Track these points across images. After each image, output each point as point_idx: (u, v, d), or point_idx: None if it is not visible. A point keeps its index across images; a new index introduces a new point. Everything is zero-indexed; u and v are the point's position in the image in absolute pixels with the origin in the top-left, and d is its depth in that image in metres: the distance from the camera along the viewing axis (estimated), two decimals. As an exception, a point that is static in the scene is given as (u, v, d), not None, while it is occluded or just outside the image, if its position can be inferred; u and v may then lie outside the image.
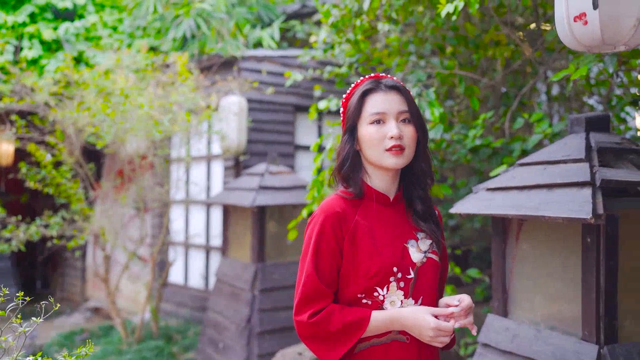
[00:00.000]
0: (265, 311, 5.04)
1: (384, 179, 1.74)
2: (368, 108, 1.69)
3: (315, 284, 1.64)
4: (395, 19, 4.21)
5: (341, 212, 1.67)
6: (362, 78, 1.78)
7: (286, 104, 6.49)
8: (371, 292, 1.64)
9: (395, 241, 1.69)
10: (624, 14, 1.53)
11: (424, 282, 1.69)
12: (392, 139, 1.65)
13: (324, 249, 1.65)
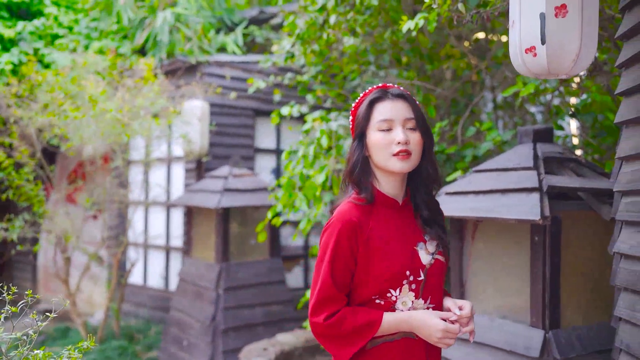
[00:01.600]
0: (229, 309, 5.22)
1: (392, 184, 1.81)
2: (376, 115, 1.76)
3: (330, 289, 1.72)
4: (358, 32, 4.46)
5: (356, 221, 1.73)
6: (370, 88, 1.85)
7: (247, 108, 6.67)
8: (384, 293, 1.72)
9: (406, 245, 1.77)
10: (566, 50, 1.83)
11: (433, 283, 1.78)
12: (398, 144, 1.72)
13: (339, 257, 1.72)
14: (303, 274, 7.02)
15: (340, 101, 5.58)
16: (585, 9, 1.81)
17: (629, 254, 2.04)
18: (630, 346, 2.02)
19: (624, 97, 2.15)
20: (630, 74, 2.09)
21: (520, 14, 1.88)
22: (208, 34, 6.81)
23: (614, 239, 2.20)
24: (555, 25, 1.80)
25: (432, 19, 3.28)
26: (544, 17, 1.81)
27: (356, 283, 1.75)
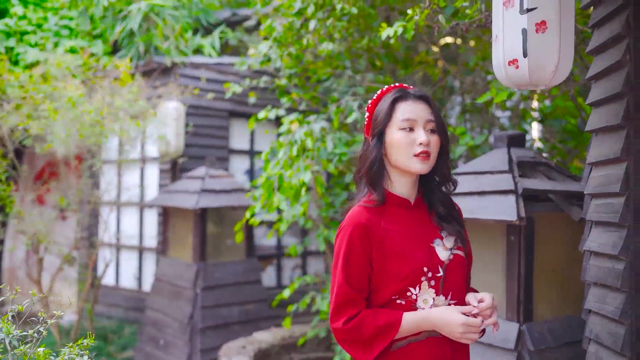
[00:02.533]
0: (207, 308, 5.29)
1: (406, 184, 1.82)
2: (398, 114, 1.75)
3: (346, 292, 1.71)
4: (335, 37, 4.58)
5: (367, 223, 1.73)
6: (387, 87, 1.85)
7: (221, 110, 6.73)
8: (404, 292, 1.70)
9: (422, 242, 1.76)
10: (546, 63, 1.98)
11: (453, 278, 1.76)
12: (420, 145, 1.73)
13: (352, 259, 1.71)
14: (276, 273, 7.11)
15: (315, 104, 5.70)
16: (563, 25, 1.97)
17: (598, 251, 2.21)
18: (600, 336, 2.19)
19: (594, 107, 2.33)
20: (599, 86, 2.26)
21: (503, 29, 2.02)
22: (185, 35, 6.85)
23: (585, 238, 2.37)
24: (536, 40, 1.95)
25: (410, 28, 3.43)
26: (525, 32, 1.96)
27: (374, 285, 1.73)
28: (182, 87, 6.16)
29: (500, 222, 2.59)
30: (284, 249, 7.11)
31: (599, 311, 2.20)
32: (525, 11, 1.94)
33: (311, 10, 4.26)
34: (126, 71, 5.61)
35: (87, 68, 6.11)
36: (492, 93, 3.29)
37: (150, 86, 6.28)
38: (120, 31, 6.74)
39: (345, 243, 1.73)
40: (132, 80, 5.61)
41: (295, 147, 4.37)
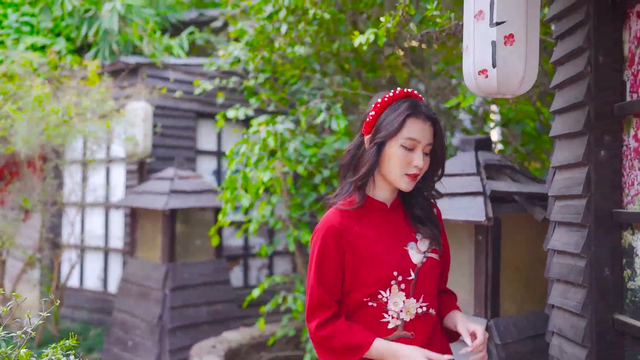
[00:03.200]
0: (176, 308, 5.30)
1: (387, 190, 1.84)
2: (405, 132, 1.73)
3: (319, 295, 1.75)
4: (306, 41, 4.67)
5: (339, 227, 1.75)
6: (399, 90, 1.80)
7: (189, 111, 6.73)
8: (375, 295, 1.73)
9: (395, 246, 1.78)
10: (514, 73, 2.10)
11: (425, 281, 1.78)
12: (415, 167, 1.74)
13: (325, 262, 1.75)
14: (243, 273, 7.15)
15: (283, 105, 5.78)
16: (529, 38, 2.10)
17: (561, 249, 2.35)
18: (562, 329, 2.34)
19: (557, 114, 2.47)
20: (562, 95, 2.41)
21: (474, 40, 2.14)
22: (154, 35, 6.83)
23: (549, 237, 2.51)
24: (505, 52, 2.07)
25: (381, 35, 3.54)
26: (494, 44, 2.08)
27: (347, 288, 1.76)
28: (149, 88, 6.14)
29: (469, 222, 2.71)
30: (251, 250, 7.15)
31: (562, 306, 2.34)
32: (494, 24, 2.05)
33: (283, 15, 4.33)
34: (95, 71, 5.57)
35: (53, 67, 6.04)
36: (460, 98, 3.43)
37: (118, 86, 6.24)
38: (96, 31, 6.68)
39: (318, 246, 1.75)
40: (100, 81, 5.58)
41: (257, 147, 4.42)
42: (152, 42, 6.58)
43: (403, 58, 4.87)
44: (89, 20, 6.92)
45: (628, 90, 2.11)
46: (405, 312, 1.75)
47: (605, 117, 2.14)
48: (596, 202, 2.13)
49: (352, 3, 4.57)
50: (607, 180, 2.14)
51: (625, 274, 2.11)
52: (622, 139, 2.14)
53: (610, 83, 2.13)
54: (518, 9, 2.03)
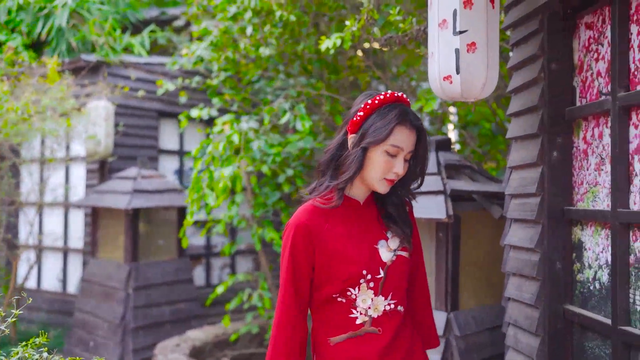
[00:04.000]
0: (139, 308, 5.30)
1: (362, 189, 1.83)
2: (391, 138, 1.71)
3: (290, 307, 1.76)
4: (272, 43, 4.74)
5: (309, 223, 1.75)
6: (389, 93, 1.77)
7: (151, 110, 6.71)
8: (345, 292, 1.74)
9: (365, 243, 1.78)
10: (476, 79, 2.23)
11: (394, 279, 1.79)
12: (394, 174, 1.74)
13: (296, 264, 1.76)
14: (205, 272, 7.16)
15: (247, 105, 5.83)
16: (490, 46, 2.23)
17: (517, 245, 2.50)
18: (518, 320, 2.48)
19: (513, 117, 2.62)
20: (518, 99, 2.56)
21: (439, 48, 2.26)
22: (115, 33, 6.77)
23: (505, 234, 2.66)
24: (467, 59, 2.19)
25: (347, 39, 3.65)
26: (458, 51, 2.20)
27: (316, 284, 1.78)
28: (111, 86, 6.10)
29: (430, 220, 2.84)
30: (213, 249, 7.17)
31: (517, 298, 2.48)
32: (457, 33, 2.17)
33: (248, 16, 4.39)
34: (55, 68, 5.50)
35: (10, 64, 5.93)
36: (422, 102, 3.57)
37: (78, 84, 6.17)
38: (50, 28, 6.57)
39: (289, 245, 1.76)
40: (60, 79, 5.52)
41: (221, 145, 4.47)
42: (110, 40, 6.52)
43: (365, 60, 4.99)
44: (45, 17, 6.81)
45: (578, 96, 2.26)
46: (373, 309, 1.75)
47: (558, 120, 2.29)
48: (549, 200, 2.28)
49: (315, 5, 4.67)
50: (559, 180, 2.29)
51: (575, 267, 2.26)
52: (573, 141, 2.29)
53: (561, 89, 2.28)
54: (479, 18, 2.16)
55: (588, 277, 2.17)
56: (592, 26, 2.17)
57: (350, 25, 3.21)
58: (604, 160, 2.09)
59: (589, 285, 2.16)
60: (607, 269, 2.04)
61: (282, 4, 4.16)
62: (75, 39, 6.37)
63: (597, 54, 2.14)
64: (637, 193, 1.89)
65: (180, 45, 7.20)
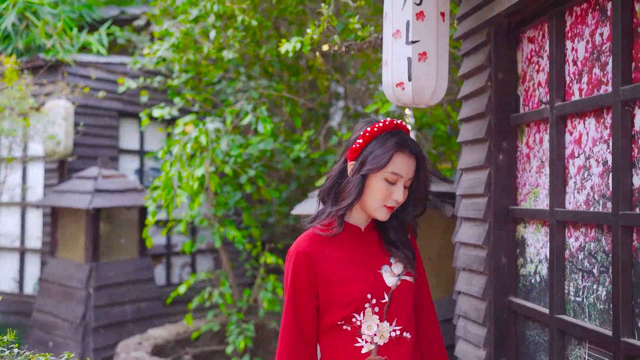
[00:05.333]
0: (100, 307, 5.31)
1: (363, 216, 1.82)
2: (390, 166, 1.71)
3: (294, 340, 1.73)
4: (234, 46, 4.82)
5: (310, 250, 1.73)
6: (388, 121, 1.78)
7: (111, 109, 6.70)
8: (349, 318, 1.70)
9: (369, 269, 1.75)
10: (426, 86, 2.38)
11: (399, 304, 1.75)
12: (394, 201, 1.73)
13: (299, 293, 1.73)
14: (166, 272, 7.18)
15: (208, 106, 5.90)
16: (440, 55, 2.39)
17: (467, 242, 2.67)
18: (467, 312, 2.65)
19: (464, 122, 2.79)
20: (468, 105, 2.73)
21: (392, 56, 2.41)
22: (70, 32, 6.72)
23: (456, 231, 2.83)
24: (419, 67, 2.34)
25: (306, 43, 3.77)
26: (410, 60, 2.35)
27: (321, 311, 1.75)
28: (70, 86, 6.08)
29: (387, 218, 2.99)
30: (173, 248, 7.20)
31: (467, 292, 2.65)
32: (410, 43, 2.33)
33: (211, 20, 4.47)
34: (12, 67, 5.45)
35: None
36: (379, 104, 3.72)
37: (37, 83, 6.13)
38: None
39: (290, 273, 1.74)
40: (18, 78, 5.47)
41: (189, 145, 4.55)
42: (63, 40, 6.47)
43: (324, 63, 5.13)
44: None
45: (521, 104, 2.44)
46: (379, 336, 1.71)
47: (503, 126, 2.46)
48: (495, 200, 2.46)
49: (276, 10, 4.78)
50: (505, 181, 2.47)
51: (518, 262, 2.44)
52: (517, 146, 2.47)
53: (506, 97, 2.46)
54: (430, 30, 2.32)
55: (530, 271, 2.35)
56: (534, 40, 2.35)
57: (311, 32, 3.33)
58: (543, 163, 2.27)
59: (530, 278, 2.35)
60: (546, 263, 2.22)
61: (245, 9, 4.26)
62: (25, 41, 6.29)
63: (538, 65, 2.32)
64: (572, 193, 2.07)
65: (141, 45, 7.20)
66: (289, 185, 5.61)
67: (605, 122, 1.89)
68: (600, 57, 1.93)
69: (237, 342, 4.76)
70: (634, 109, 1.76)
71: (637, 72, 1.75)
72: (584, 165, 2.00)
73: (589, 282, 1.96)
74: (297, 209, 3.52)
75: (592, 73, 1.97)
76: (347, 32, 3.94)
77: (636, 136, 1.74)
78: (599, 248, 1.91)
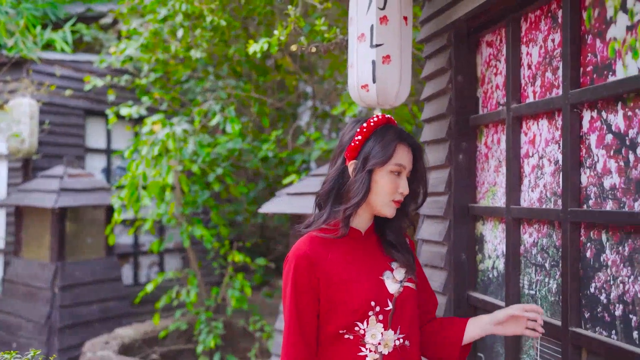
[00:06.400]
0: (66, 307, 5.27)
1: (366, 218, 1.78)
2: (395, 157, 1.70)
3: (299, 350, 1.65)
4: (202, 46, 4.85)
5: (311, 254, 1.66)
6: (381, 116, 1.77)
7: (77, 108, 6.64)
8: (352, 327, 1.64)
9: (371, 275, 1.70)
10: (390, 88, 2.47)
11: (403, 312, 1.70)
12: (401, 194, 1.71)
13: (301, 299, 1.65)
14: (133, 271, 7.15)
15: (176, 105, 5.90)
16: (403, 58, 2.47)
17: (428, 239, 2.76)
18: (429, 307, 2.74)
19: (426, 122, 2.88)
20: (430, 106, 2.82)
21: (357, 59, 2.48)
22: (34, 30, 6.63)
23: (419, 228, 2.92)
24: (383, 70, 2.42)
25: (274, 44, 3.83)
26: (374, 63, 2.43)
27: (322, 319, 1.67)
28: (35, 83, 6.01)
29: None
30: (141, 247, 7.17)
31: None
32: (374, 46, 2.40)
33: (179, 19, 4.49)
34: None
35: None
36: (345, 105, 3.79)
37: (0, 80, 6.04)
38: None
39: (291, 278, 1.66)
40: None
41: (156, 147, 4.57)
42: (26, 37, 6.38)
43: (292, 64, 5.18)
44: None
45: (480, 105, 2.54)
46: (383, 345, 1.65)
47: (463, 127, 2.55)
48: (455, 198, 2.55)
49: (245, 10, 4.82)
50: (464, 180, 2.56)
51: (477, 257, 2.54)
52: (476, 146, 2.57)
53: (466, 99, 2.55)
54: (394, 34, 2.40)
55: (488, 266, 2.45)
56: (492, 44, 2.45)
57: (278, 34, 3.39)
58: (501, 162, 2.37)
59: (488, 273, 2.44)
60: (503, 258, 2.32)
61: (213, 9, 4.29)
62: None
63: (496, 69, 2.42)
64: (526, 191, 2.17)
65: (108, 43, 7.15)
66: (257, 184, 5.66)
67: (557, 124, 2.00)
68: (552, 61, 2.03)
69: (207, 340, 4.79)
70: (582, 111, 1.86)
71: (585, 76, 1.85)
72: (538, 164, 2.10)
73: (542, 275, 2.06)
74: (264, 207, 3.57)
75: (545, 77, 2.07)
76: (314, 33, 4.00)
77: (584, 137, 1.85)
78: (550, 243, 2.02)
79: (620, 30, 1.71)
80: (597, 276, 1.78)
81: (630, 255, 1.64)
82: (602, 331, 1.73)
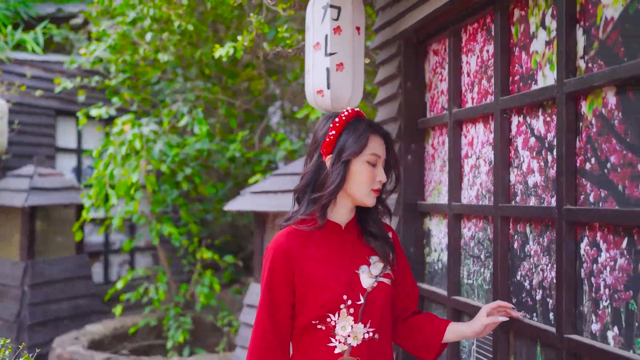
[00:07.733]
0: (35, 305, 5.34)
1: (346, 211, 1.82)
2: (370, 147, 1.75)
3: (268, 340, 1.70)
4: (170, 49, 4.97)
5: (287, 248, 1.71)
6: (350, 110, 1.80)
7: (48, 108, 6.70)
8: (324, 318, 1.69)
9: (347, 268, 1.75)
10: (343, 93, 2.64)
11: (374, 307, 1.74)
12: (379, 182, 1.77)
13: (276, 289, 1.71)
14: (104, 270, 7.22)
15: (146, 106, 6.00)
16: (355, 66, 2.64)
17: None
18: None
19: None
20: (382, 110, 2.99)
21: (313, 66, 2.65)
22: (5, 29, 6.67)
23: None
24: (336, 77, 2.59)
25: (239, 48, 3.98)
26: (328, 70, 2.60)
27: (297, 310, 1.73)
28: (5, 84, 6.06)
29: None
30: (111, 246, 7.24)
31: (382, 279, 2.92)
32: (328, 54, 2.57)
33: (147, 23, 4.60)
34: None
35: None
36: (309, 109, 3.96)
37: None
38: None
39: (267, 269, 1.73)
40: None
41: (124, 148, 4.67)
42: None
43: (260, 66, 5.33)
44: None
45: (428, 109, 2.73)
46: (352, 337, 1.71)
47: (412, 129, 2.74)
48: (405, 196, 2.73)
49: (212, 16, 4.95)
50: (413, 179, 2.74)
51: (425, 251, 2.73)
52: (424, 147, 2.76)
53: (415, 103, 2.74)
54: (347, 43, 2.57)
55: (434, 259, 2.64)
56: (438, 53, 2.64)
57: (242, 40, 3.54)
58: (445, 163, 2.56)
59: (434, 265, 2.63)
60: (446, 251, 2.51)
61: (181, 14, 4.42)
62: None
63: (441, 75, 2.61)
64: (466, 189, 2.36)
65: (78, 44, 7.20)
66: (226, 184, 5.79)
67: (491, 127, 2.19)
68: (487, 70, 2.23)
69: (176, 336, 4.91)
70: (510, 116, 2.05)
71: (514, 84, 2.05)
72: (475, 164, 2.30)
73: (478, 266, 2.25)
74: (228, 205, 3.72)
75: (481, 84, 2.27)
76: (278, 40, 4.16)
77: (512, 140, 2.04)
78: (485, 236, 2.21)
79: (540, 44, 1.91)
80: (522, 265, 1.97)
81: (548, 246, 1.84)
82: (526, 314, 1.93)
